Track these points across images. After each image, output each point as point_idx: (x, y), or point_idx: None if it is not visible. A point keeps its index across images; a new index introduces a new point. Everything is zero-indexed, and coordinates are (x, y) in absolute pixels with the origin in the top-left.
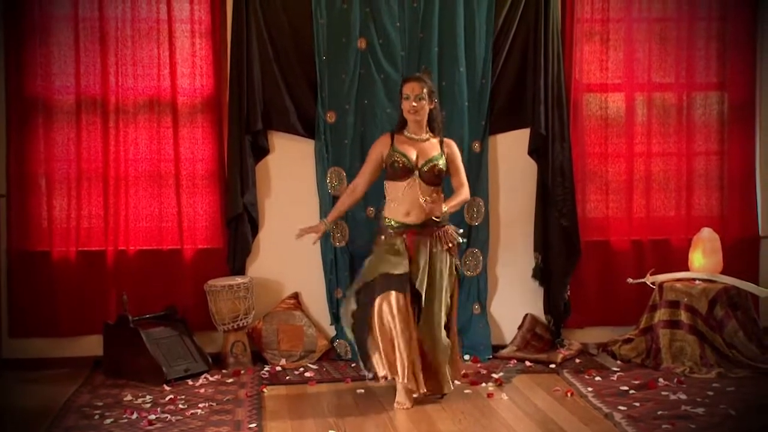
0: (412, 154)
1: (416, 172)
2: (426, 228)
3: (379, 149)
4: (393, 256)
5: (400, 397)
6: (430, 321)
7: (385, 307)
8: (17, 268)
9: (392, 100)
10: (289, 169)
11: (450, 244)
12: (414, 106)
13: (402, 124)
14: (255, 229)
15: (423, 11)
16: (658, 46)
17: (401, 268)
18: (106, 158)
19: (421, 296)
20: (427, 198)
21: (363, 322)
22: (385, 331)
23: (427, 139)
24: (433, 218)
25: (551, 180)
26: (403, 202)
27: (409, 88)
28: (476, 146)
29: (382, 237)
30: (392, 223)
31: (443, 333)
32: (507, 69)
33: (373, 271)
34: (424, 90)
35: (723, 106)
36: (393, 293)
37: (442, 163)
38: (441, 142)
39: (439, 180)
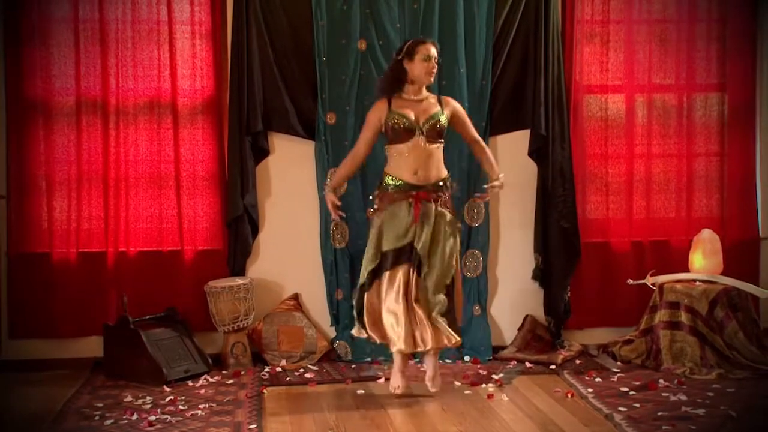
0: (411, 115)
1: (417, 131)
2: (431, 192)
3: (377, 115)
4: (399, 226)
5: (395, 379)
6: (429, 282)
7: (391, 282)
8: (17, 270)
9: None
10: (290, 171)
11: (449, 207)
12: (434, 66)
13: (397, 86)
14: (255, 230)
15: (423, 12)
16: (659, 47)
17: (407, 237)
18: (106, 160)
19: (421, 257)
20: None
21: (365, 292)
22: (384, 305)
23: (426, 98)
24: (437, 182)
25: (551, 181)
26: (409, 161)
27: (429, 49)
28: None
29: (379, 203)
30: (397, 183)
31: (439, 294)
32: (507, 70)
33: (382, 246)
34: (437, 52)
35: (723, 107)
36: (400, 269)
37: (443, 119)
38: (439, 100)
39: (441, 136)
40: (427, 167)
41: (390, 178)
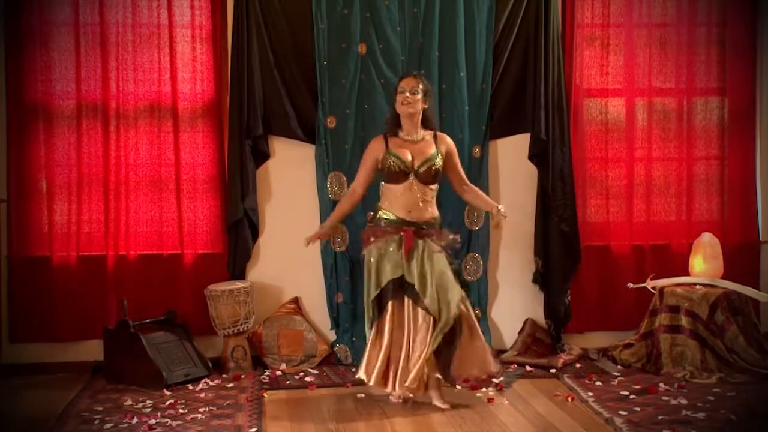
0: (407, 156)
1: (412, 174)
2: (422, 229)
3: (374, 153)
4: (393, 258)
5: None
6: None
7: (389, 318)
8: (17, 273)
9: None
10: (290, 174)
11: (443, 243)
12: (407, 97)
13: (395, 125)
14: (255, 233)
15: (423, 16)
16: (659, 51)
17: (400, 269)
18: (106, 163)
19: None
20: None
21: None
22: (384, 341)
23: (422, 138)
24: (430, 221)
25: (551, 185)
26: (403, 203)
27: (405, 83)
28: (476, 151)
29: (372, 237)
30: (391, 216)
31: (430, 334)
32: (507, 74)
33: (379, 281)
34: (420, 86)
35: (723, 111)
36: (392, 303)
37: (438, 162)
38: (435, 138)
39: (435, 179)
40: (419, 208)
41: (384, 212)
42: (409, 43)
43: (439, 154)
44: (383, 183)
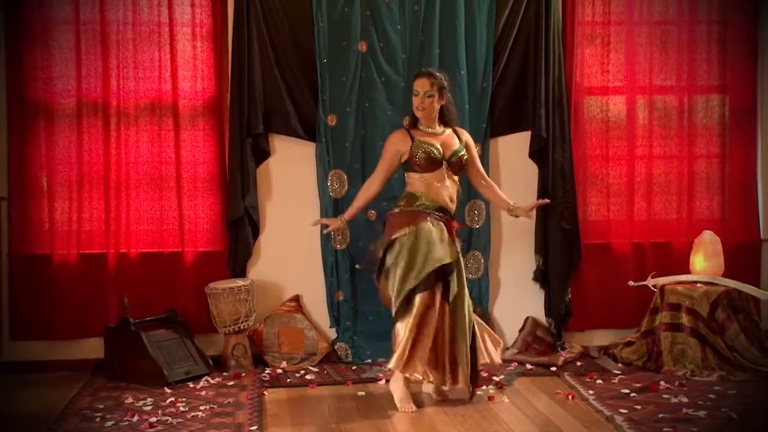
0: (438, 145)
1: (444, 163)
2: (450, 219)
3: (397, 146)
4: (436, 246)
5: (405, 403)
6: (461, 314)
7: (422, 307)
8: (18, 271)
9: (393, 103)
10: (290, 172)
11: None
12: (422, 101)
13: (414, 120)
14: (256, 231)
15: (424, 14)
16: (659, 49)
17: (443, 257)
18: (107, 161)
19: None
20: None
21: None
22: (420, 330)
23: (444, 132)
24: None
25: (552, 183)
26: (440, 190)
27: (419, 85)
28: (477, 149)
29: (406, 221)
30: (431, 204)
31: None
32: (508, 72)
33: (421, 268)
34: (434, 86)
35: (724, 109)
36: (429, 292)
37: (465, 153)
38: (455, 132)
39: (462, 170)
40: (452, 197)
41: (425, 197)
42: (410, 41)
43: (463, 149)
44: (412, 174)
